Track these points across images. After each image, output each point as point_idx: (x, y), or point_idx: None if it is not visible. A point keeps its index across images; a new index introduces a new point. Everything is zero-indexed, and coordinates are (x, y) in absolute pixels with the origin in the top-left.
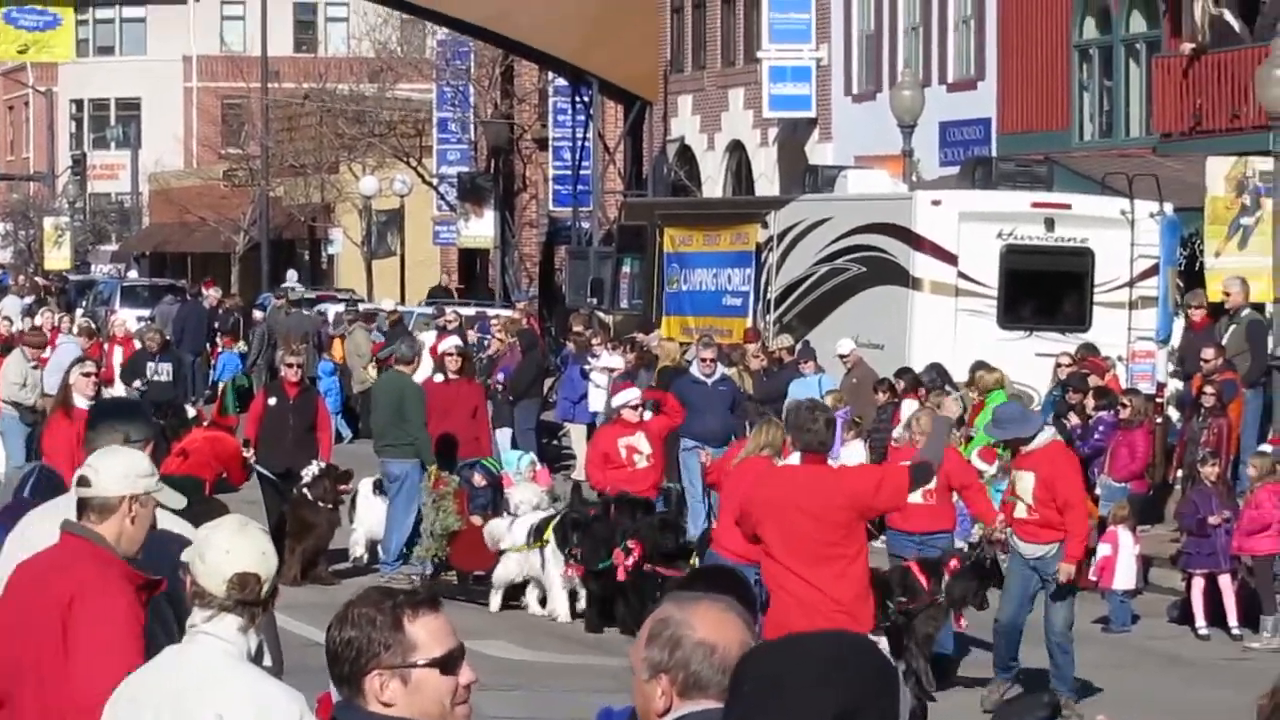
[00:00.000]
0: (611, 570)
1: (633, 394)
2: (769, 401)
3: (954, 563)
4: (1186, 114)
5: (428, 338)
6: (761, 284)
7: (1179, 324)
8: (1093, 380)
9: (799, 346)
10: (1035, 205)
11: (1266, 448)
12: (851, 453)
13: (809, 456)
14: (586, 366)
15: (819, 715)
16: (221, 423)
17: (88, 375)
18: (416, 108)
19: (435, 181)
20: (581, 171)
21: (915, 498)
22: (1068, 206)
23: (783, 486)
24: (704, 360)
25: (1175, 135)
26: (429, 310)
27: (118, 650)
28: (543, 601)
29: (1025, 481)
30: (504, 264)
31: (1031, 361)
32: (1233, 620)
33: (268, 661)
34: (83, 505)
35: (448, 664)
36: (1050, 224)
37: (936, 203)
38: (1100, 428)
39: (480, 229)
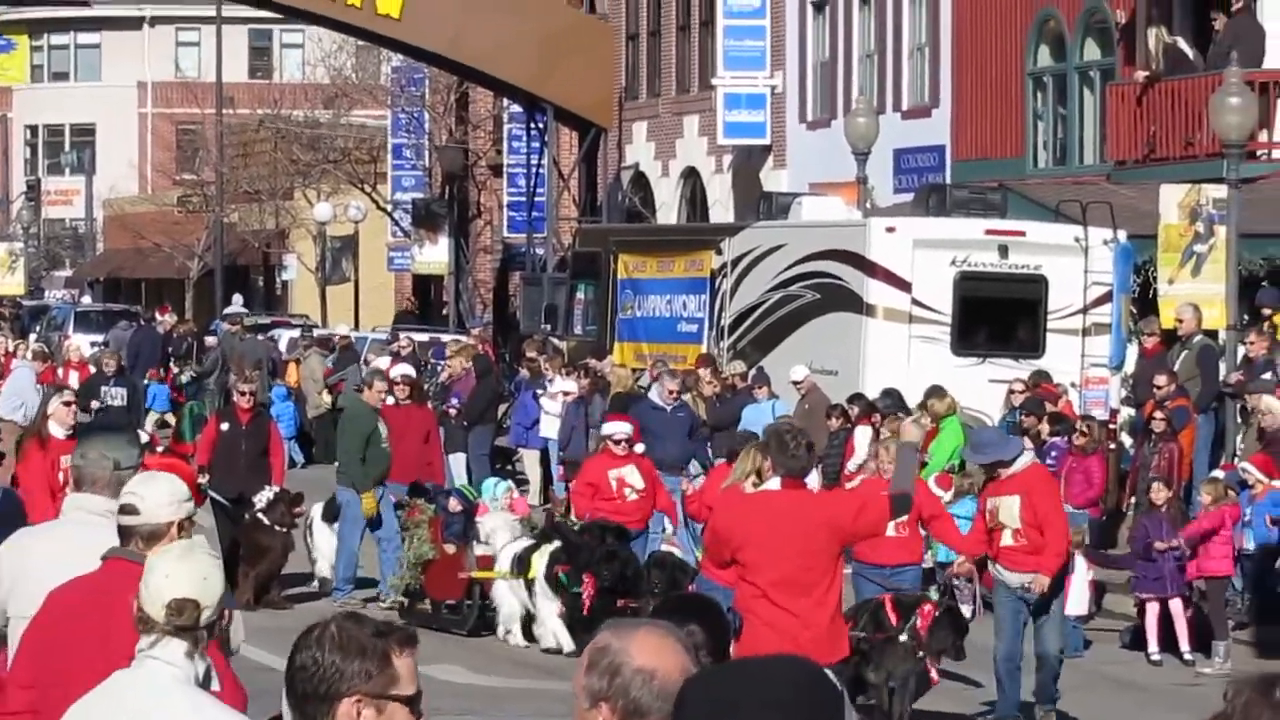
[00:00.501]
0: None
1: (622, 427)
2: (721, 428)
3: (928, 607)
4: (1140, 141)
5: (381, 362)
6: (715, 310)
7: (1132, 350)
8: (1048, 406)
9: (753, 372)
10: (989, 232)
11: (1219, 473)
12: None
13: (788, 481)
14: (539, 392)
15: None
16: (178, 449)
17: (68, 405)
18: (371, 134)
19: (390, 207)
20: (536, 198)
21: (889, 530)
22: (1022, 234)
23: (763, 511)
24: (669, 391)
25: (1129, 163)
26: (383, 336)
27: None
28: (526, 633)
29: (1010, 506)
30: (458, 290)
31: (985, 388)
32: (1185, 645)
33: (215, 686)
34: (127, 532)
35: (415, 703)
36: (1004, 251)
37: (891, 229)
38: (1054, 453)
39: (435, 255)
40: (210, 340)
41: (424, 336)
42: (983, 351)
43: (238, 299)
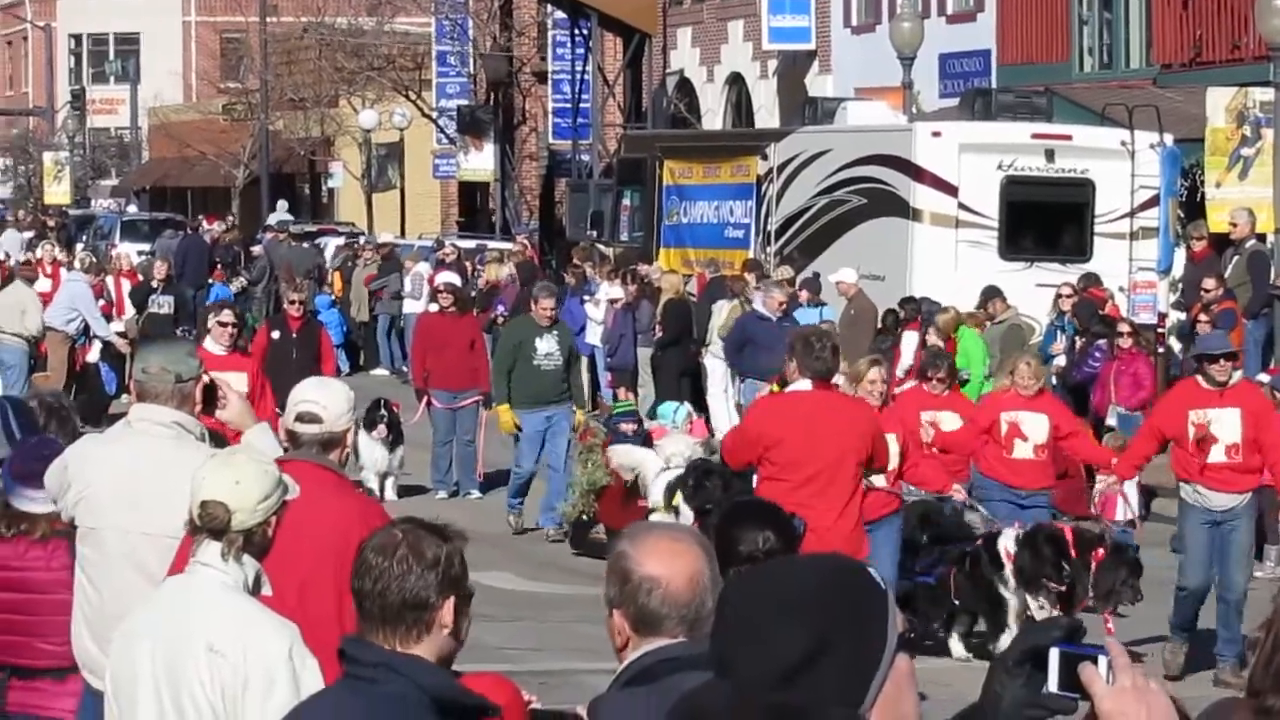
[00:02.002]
0: None
1: None
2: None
3: (1101, 550)
4: (1186, 45)
5: (422, 269)
6: (762, 216)
7: (1180, 255)
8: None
9: (807, 278)
10: (1035, 136)
11: (1264, 377)
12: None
13: (818, 383)
14: (586, 299)
15: (791, 647)
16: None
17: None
18: (415, 41)
19: (435, 115)
20: (581, 105)
21: (1026, 451)
22: (1068, 138)
23: (797, 409)
24: (777, 302)
25: (1175, 66)
26: (428, 243)
27: None
28: None
29: (1228, 420)
30: (504, 197)
31: (1032, 292)
32: None
33: (266, 591)
34: (303, 439)
35: (468, 601)
36: (1050, 155)
37: (936, 134)
38: (1095, 354)
39: (480, 162)
40: (256, 249)
41: (470, 244)
42: (1030, 256)
43: (282, 206)
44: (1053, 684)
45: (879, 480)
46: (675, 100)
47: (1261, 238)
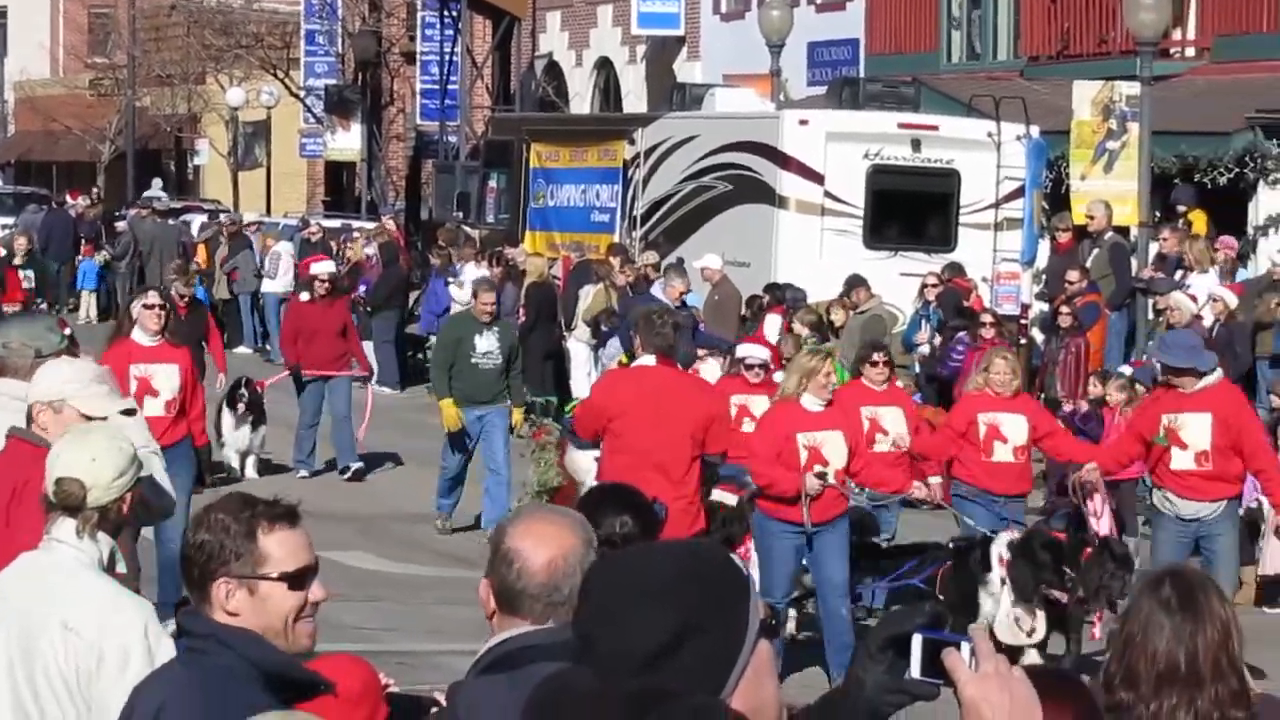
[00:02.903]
0: None
1: (758, 351)
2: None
3: (1087, 550)
4: (1054, 38)
5: (283, 248)
6: (628, 201)
7: (1044, 246)
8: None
9: (671, 264)
10: (902, 126)
11: (1126, 369)
12: (708, 370)
13: (661, 358)
14: (450, 280)
15: (652, 633)
16: None
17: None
18: (284, 19)
19: (302, 94)
20: (449, 86)
21: (1005, 455)
22: (935, 128)
23: (640, 384)
24: (676, 290)
25: (1042, 59)
26: (294, 222)
27: None
28: None
29: (1197, 425)
30: (370, 177)
31: (897, 281)
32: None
33: (121, 569)
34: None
35: (297, 580)
36: (917, 145)
37: (804, 122)
38: (959, 347)
39: (347, 142)
40: (121, 225)
41: (335, 223)
42: (894, 245)
43: (157, 183)
44: (915, 670)
45: (817, 483)
46: (543, 83)
47: (1122, 230)
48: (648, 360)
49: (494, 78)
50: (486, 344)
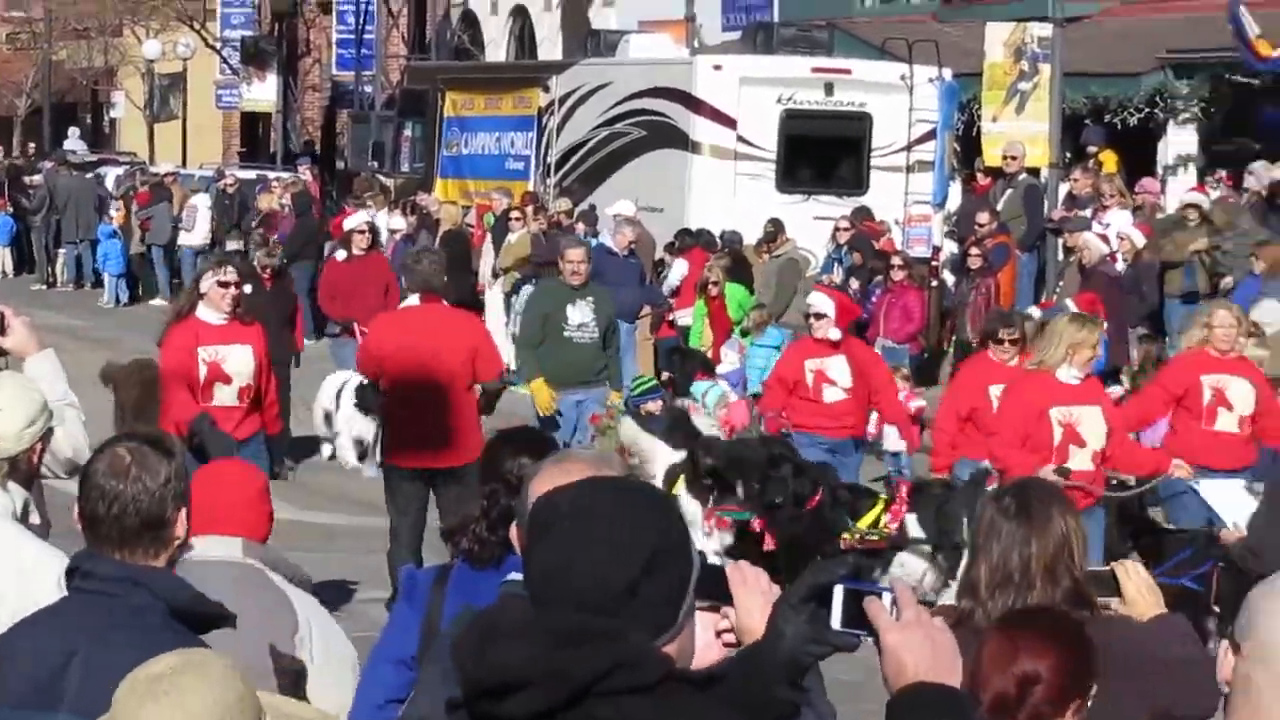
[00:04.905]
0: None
1: (820, 301)
2: (545, 264)
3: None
4: None
5: (200, 200)
6: (542, 148)
7: (955, 188)
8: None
9: (584, 210)
10: (815, 70)
11: (1035, 310)
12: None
13: (426, 296)
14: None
15: (638, 549)
16: None
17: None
18: None
19: (219, 45)
20: (365, 35)
21: (1229, 424)
22: (847, 72)
23: (405, 322)
24: (625, 239)
25: (955, 2)
26: (209, 173)
27: None
28: None
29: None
30: (286, 128)
31: (810, 225)
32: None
33: (35, 519)
34: None
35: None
36: (830, 89)
37: (717, 67)
38: (876, 291)
39: (262, 93)
40: (35, 179)
41: (251, 174)
42: (807, 189)
43: (74, 133)
44: (836, 621)
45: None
46: (459, 32)
47: (1033, 171)
48: (412, 300)
49: (410, 27)
50: (580, 314)
